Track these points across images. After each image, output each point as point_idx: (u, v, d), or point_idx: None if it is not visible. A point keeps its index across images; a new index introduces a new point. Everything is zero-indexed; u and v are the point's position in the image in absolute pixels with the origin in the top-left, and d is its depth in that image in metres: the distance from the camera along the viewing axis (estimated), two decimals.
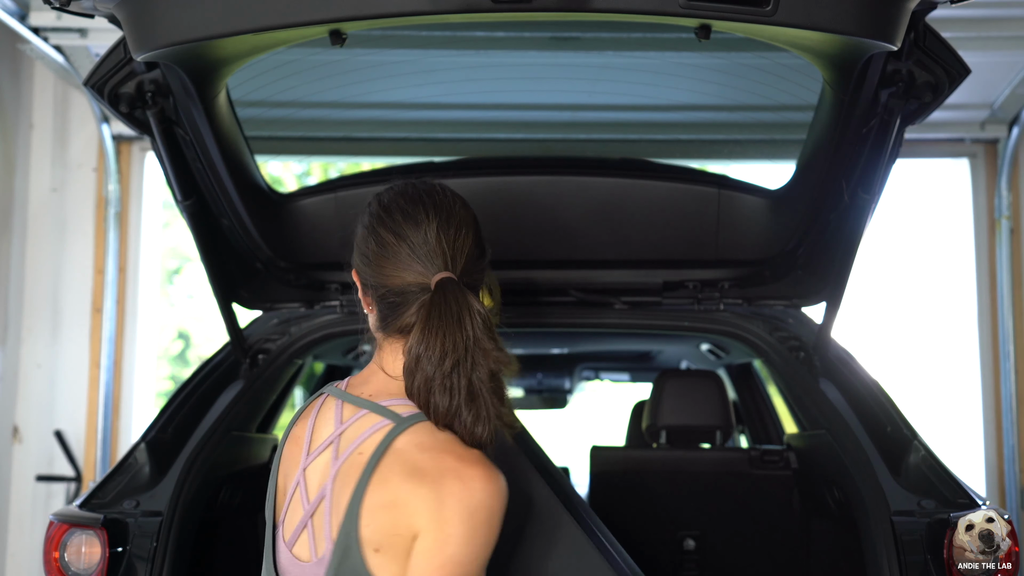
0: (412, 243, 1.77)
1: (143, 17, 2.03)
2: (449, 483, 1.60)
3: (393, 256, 1.78)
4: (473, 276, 1.81)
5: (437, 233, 1.77)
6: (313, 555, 1.71)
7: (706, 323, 3.20)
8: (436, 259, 1.76)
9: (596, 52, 3.30)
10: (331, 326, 3.21)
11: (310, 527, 1.72)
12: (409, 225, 1.78)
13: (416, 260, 1.76)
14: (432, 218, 1.78)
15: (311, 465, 1.77)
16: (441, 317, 1.68)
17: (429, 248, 1.76)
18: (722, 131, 3.74)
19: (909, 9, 2.02)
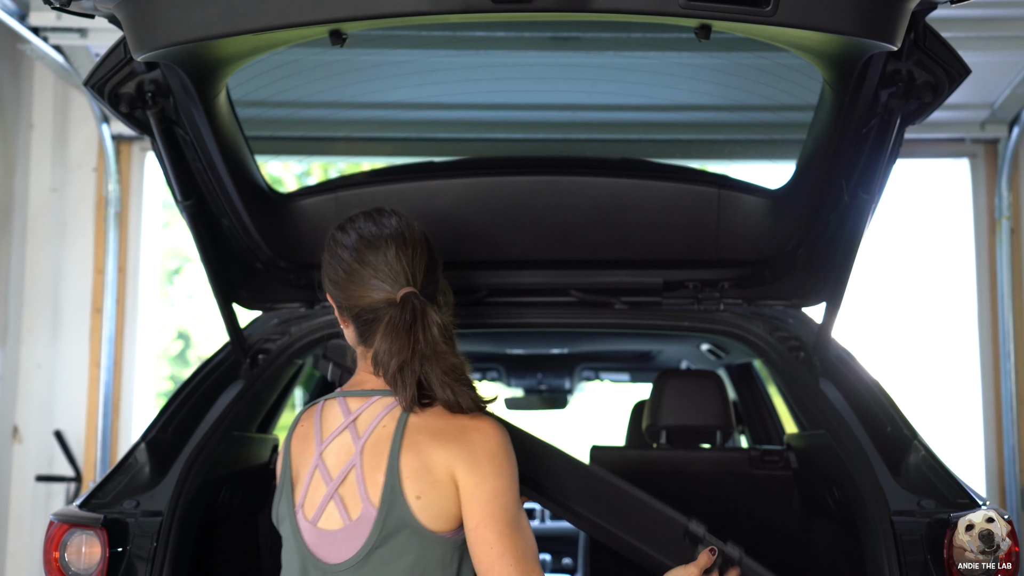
0: (375, 266, 2.03)
1: (143, 17, 2.03)
2: (470, 435, 1.97)
3: (360, 280, 2.04)
4: (429, 287, 2.08)
5: (396, 254, 2.03)
6: (346, 519, 1.97)
7: (706, 323, 3.20)
8: (399, 277, 2.02)
9: (596, 52, 3.30)
10: (331, 326, 3.20)
11: (337, 498, 1.98)
12: (371, 251, 2.04)
13: (381, 281, 2.02)
14: (390, 243, 2.05)
15: (326, 450, 2.02)
16: (395, 327, 1.96)
17: (391, 269, 2.03)
18: (722, 131, 3.74)
19: (909, 9, 2.02)
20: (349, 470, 1.99)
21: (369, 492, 1.96)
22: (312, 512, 2.01)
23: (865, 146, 2.53)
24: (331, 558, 1.98)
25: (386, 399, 2.01)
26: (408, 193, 3.08)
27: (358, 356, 2.11)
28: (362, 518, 1.96)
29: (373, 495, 1.95)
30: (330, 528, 1.99)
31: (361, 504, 1.96)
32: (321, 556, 1.98)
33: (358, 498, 1.97)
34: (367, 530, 1.95)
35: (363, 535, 1.95)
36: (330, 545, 1.98)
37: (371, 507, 1.95)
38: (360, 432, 2.00)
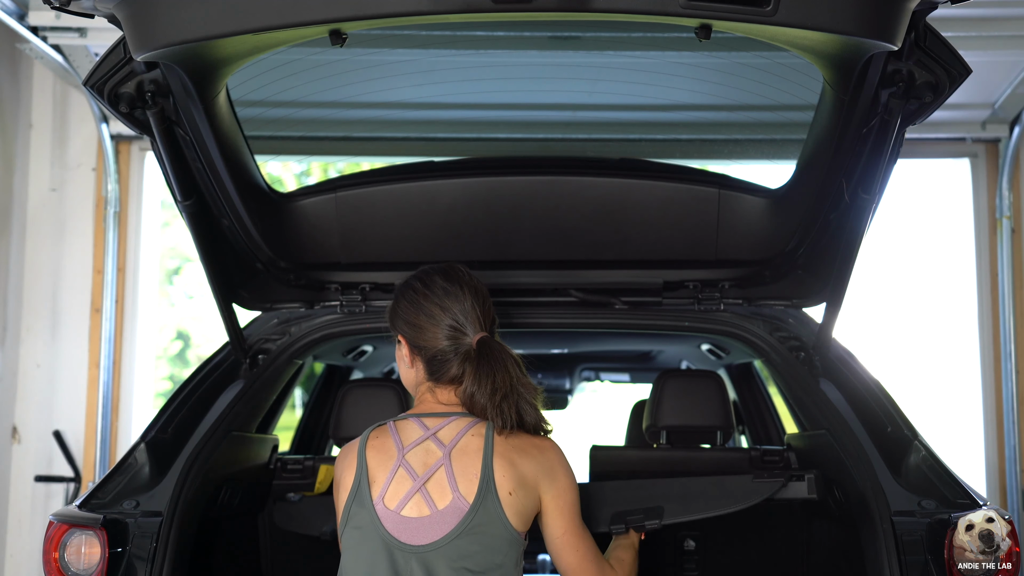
0: (455, 314, 2.39)
1: (143, 17, 2.03)
2: (546, 453, 2.37)
3: (440, 324, 2.39)
4: (494, 333, 2.47)
5: (472, 304, 2.41)
6: (432, 508, 2.28)
7: (706, 323, 3.20)
8: (475, 324, 2.40)
9: (596, 52, 3.30)
10: (331, 326, 3.20)
11: (424, 491, 2.29)
12: (452, 300, 2.41)
13: (460, 327, 2.39)
14: (467, 294, 2.42)
15: (409, 454, 2.34)
16: (491, 365, 2.34)
17: (467, 316, 2.40)
18: (722, 131, 3.74)
19: (909, 9, 2.02)
20: (436, 469, 2.30)
21: (460, 487, 2.28)
22: (396, 502, 2.29)
23: (865, 146, 2.53)
24: (416, 540, 2.26)
25: (465, 419, 2.36)
26: (408, 193, 3.07)
27: (423, 390, 2.44)
28: (451, 508, 2.27)
29: (465, 489, 2.28)
30: (415, 516, 2.28)
31: (450, 496, 2.28)
32: (405, 539, 2.26)
33: (447, 491, 2.28)
34: (457, 518, 2.26)
35: (452, 521, 2.26)
36: (415, 530, 2.26)
37: (461, 499, 2.27)
38: (445, 441, 2.33)
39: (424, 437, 2.35)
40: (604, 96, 3.55)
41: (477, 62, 3.41)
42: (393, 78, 3.34)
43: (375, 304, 3.23)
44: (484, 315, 2.42)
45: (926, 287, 6.73)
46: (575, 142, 3.80)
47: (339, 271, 3.20)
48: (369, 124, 3.81)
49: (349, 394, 3.28)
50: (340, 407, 3.27)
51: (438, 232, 3.12)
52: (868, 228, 2.68)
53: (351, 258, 3.16)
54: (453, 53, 3.31)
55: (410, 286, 2.47)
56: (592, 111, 3.74)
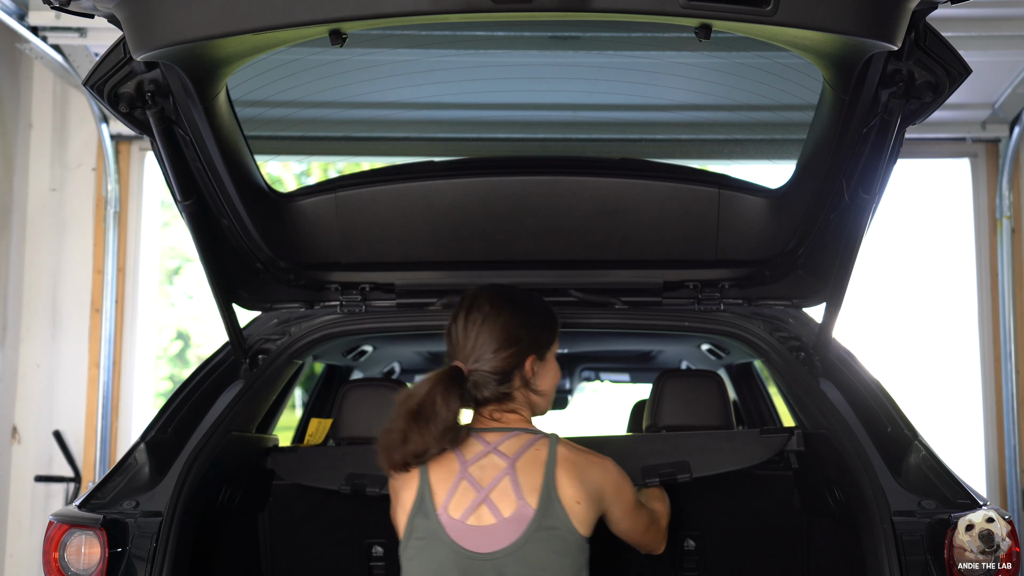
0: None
1: (143, 17, 2.03)
2: (610, 469, 2.48)
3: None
4: (518, 362, 2.59)
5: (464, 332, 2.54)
6: (499, 517, 2.34)
7: (706, 323, 3.20)
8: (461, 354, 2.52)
9: (596, 52, 3.30)
10: (331, 326, 3.20)
11: (489, 501, 2.36)
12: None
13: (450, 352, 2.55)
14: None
15: (472, 467, 2.41)
16: None
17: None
18: (722, 131, 3.74)
19: (909, 9, 2.02)
20: (500, 480, 2.37)
21: (525, 495, 2.35)
22: (460, 512, 2.36)
23: (865, 146, 2.53)
24: (484, 548, 2.33)
25: (527, 435, 2.46)
26: (408, 193, 3.07)
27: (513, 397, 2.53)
28: (517, 514, 2.34)
29: (530, 498, 2.35)
30: (481, 524, 2.34)
31: (516, 504, 2.35)
32: (472, 547, 2.33)
33: (512, 499, 2.35)
34: (525, 523, 2.33)
35: (520, 527, 2.33)
36: (481, 538, 2.33)
37: (526, 505, 2.34)
38: (509, 454, 2.41)
39: (486, 451, 2.43)
40: (604, 96, 3.55)
41: (477, 62, 3.41)
42: (393, 78, 3.34)
43: (375, 304, 3.23)
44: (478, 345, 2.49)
45: (926, 287, 6.72)
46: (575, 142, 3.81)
47: (339, 271, 3.20)
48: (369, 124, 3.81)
49: (349, 394, 3.28)
50: (340, 407, 3.27)
51: (438, 232, 3.12)
52: (868, 228, 2.68)
53: (351, 258, 3.16)
54: (453, 53, 3.32)
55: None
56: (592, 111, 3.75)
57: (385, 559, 3.26)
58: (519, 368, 2.51)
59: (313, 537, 3.30)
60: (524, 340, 2.52)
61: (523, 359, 2.52)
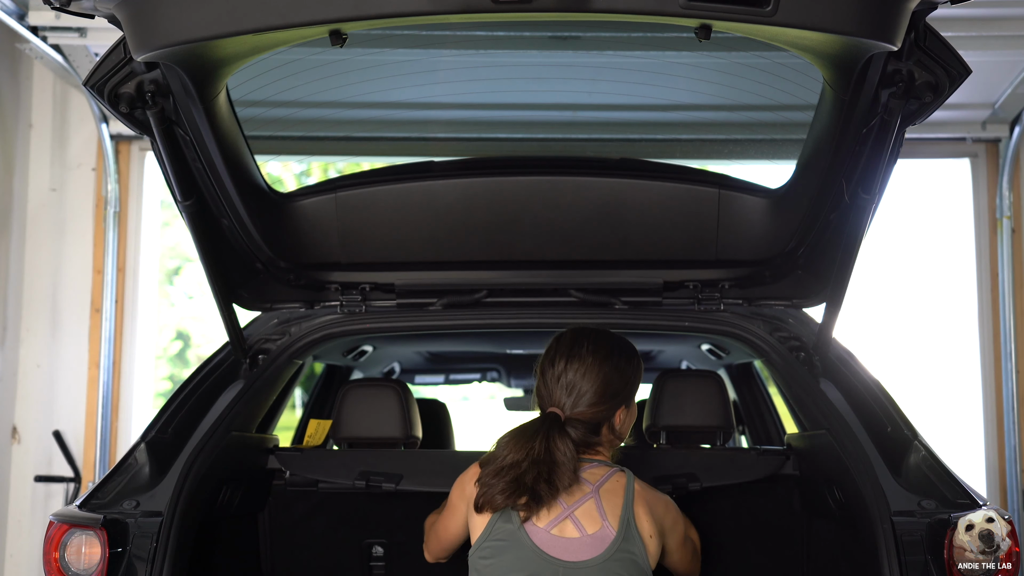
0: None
1: (143, 17, 2.03)
2: (672, 509, 2.59)
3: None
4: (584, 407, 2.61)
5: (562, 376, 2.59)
6: (582, 532, 2.43)
7: (706, 323, 3.20)
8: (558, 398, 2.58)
9: (596, 52, 3.30)
10: (331, 326, 3.20)
11: (573, 517, 2.44)
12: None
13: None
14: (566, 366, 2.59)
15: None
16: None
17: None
18: (722, 131, 3.74)
19: (909, 9, 2.02)
20: (585, 501, 2.46)
21: (608, 517, 2.44)
22: (546, 523, 2.43)
23: (865, 146, 2.53)
24: (571, 557, 2.41)
25: (606, 467, 2.53)
26: (408, 193, 3.07)
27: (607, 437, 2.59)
28: (600, 534, 2.43)
29: (612, 520, 2.44)
30: (564, 536, 2.42)
31: (600, 524, 2.43)
32: (556, 554, 2.40)
33: (596, 519, 2.44)
34: (607, 542, 2.42)
35: (603, 545, 2.42)
36: (566, 547, 2.41)
37: (609, 527, 2.43)
38: (592, 481, 2.49)
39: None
40: (604, 96, 3.55)
41: (477, 62, 3.41)
42: (393, 78, 3.34)
43: (375, 304, 3.23)
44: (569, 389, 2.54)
45: (926, 287, 6.72)
46: (575, 142, 3.80)
47: (339, 271, 3.20)
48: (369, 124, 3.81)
49: (349, 394, 3.28)
50: (340, 407, 3.27)
51: (438, 232, 3.12)
52: (868, 228, 2.68)
53: (351, 258, 3.16)
54: (453, 53, 3.31)
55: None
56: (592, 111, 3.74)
57: (385, 559, 3.26)
58: (610, 419, 2.56)
59: (313, 537, 3.30)
60: (620, 394, 2.57)
61: (616, 410, 2.57)
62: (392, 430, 3.19)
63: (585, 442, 2.52)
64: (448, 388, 7.14)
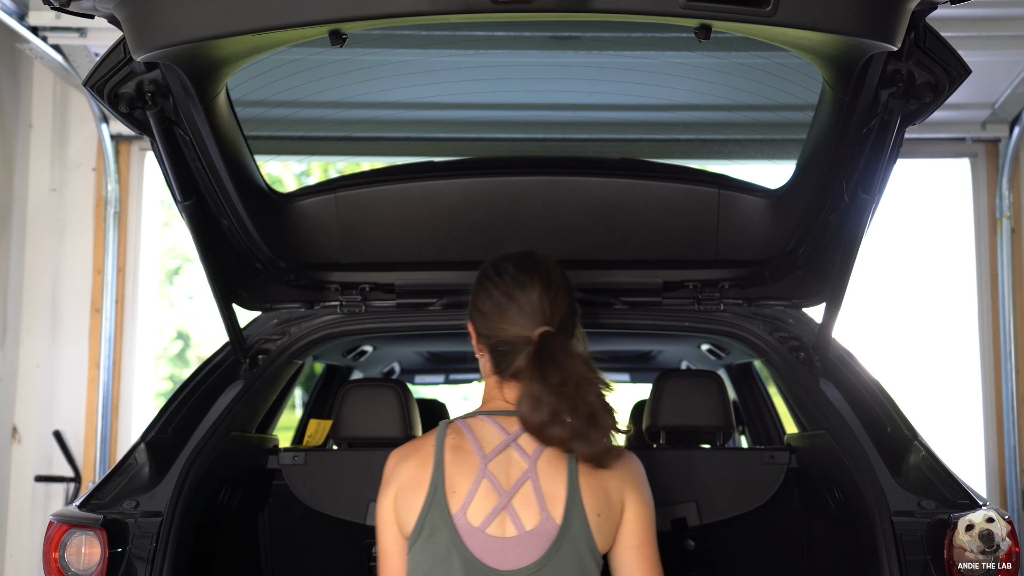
0: (520, 304, 2.20)
1: (143, 17, 2.03)
2: (631, 466, 2.19)
3: (505, 314, 2.20)
4: (567, 330, 2.24)
5: (540, 296, 2.20)
6: (520, 529, 2.08)
7: (706, 323, 3.20)
8: (538, 316, 2.19)
9: (596, 52, 3.30)
10: (331, 326, 3.20)
11: (511, 508, 2.10)
12: (519, 289, 2.21)
13: (522, 316, 2.19)
14: (537, 284, 2.22)
15: (492, 463, 2.14)
16: (542, 363, 2.11)
17: (533, 308, 2.19)
18: (722, 131, 3.74)
19: (909, 9, 2.02)
20: (523, 484, 2.11)
21: (549, 506, 2.09)
22: (479, 520, 2.10)
23: (865, 146, 2.53)
24: (502, 565, 2.07)
25: None
26: (408, 193, 3.07)
27: (491, 384, 2.26)
28: (540, 530, 2.08)
29: (554, 509, 2.09)
30: (502, 535, 2.09)
31: (539, 516, 2.09)
32: (490, 562, 2.07)
33: (535, 510, 2.09)
34: (547, 541, 2.07)
35: (542, 545, 2.07)
36: (502, 552, 2.08)
37: (550, 519, 2.08)
38: (528, 451, 2.14)
39: (505, 443, 2.15)
40: (604, 96, 3.55)
41: (477, 62, 3.41)
42: (393, 78, 3.34)
43: (375, 304, 3.23)
44: (553, 309, 2.20)
45: (926, 287, 6.72)
46: (575, 142, 3.80)
47: (339, 271, 3.20)
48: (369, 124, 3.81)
49: (349, 394, 3.28)
50: (340, 407, 3.27)
51: (438, 232, 3.12)
52: (868, 228, 2.68)
53: (351, 258, 3.16)
54: (453, 53, 3.31)
55: (483, 271, 2.32)
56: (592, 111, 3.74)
57: None
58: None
59: (313, 537, 3.30)
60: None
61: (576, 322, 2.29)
62: (392, 430, 3.19)
63: None
64: (448, 388, 7.14)
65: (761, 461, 3.17)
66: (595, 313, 3.20)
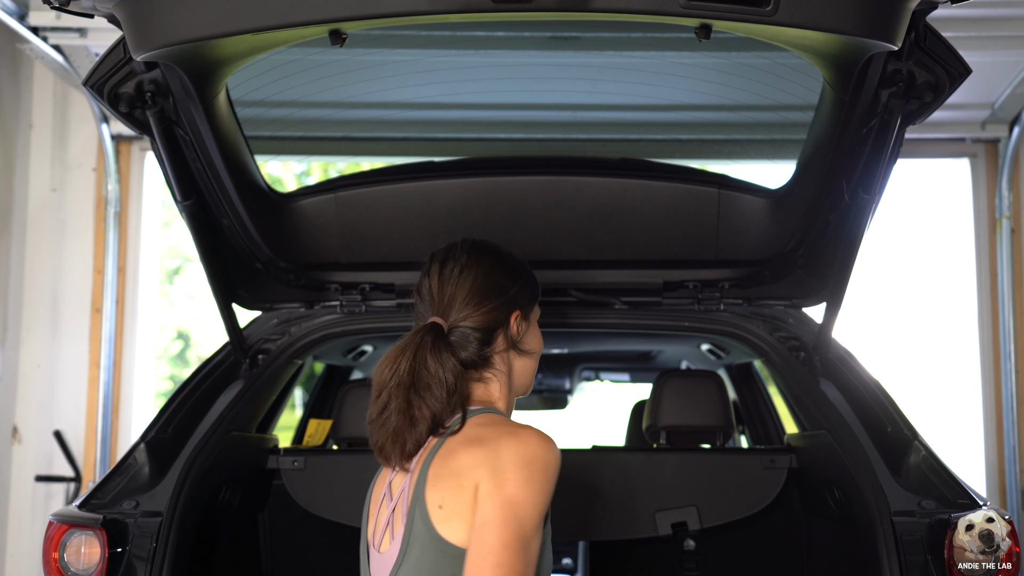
0: (420, 293, 2.14)
1: (143, 17, 2.03)
2: (505, 440, 1.88)
3: (416, 305, 2.15)
4: (472, 320, 2.07)
5: (438, 283, 2.11)
6: (392, 540, 1.93)
7: (706, 323, 3.20)
8: (432, 307, 2.10)
9: (596, 52, 3.30)
10: (331, 326, 3.20)
11: (392, 519, 1.95)
12: (423, 277, 2.15)
13: (423, 307, 2.12)
14: (434, 271, 2.13)
15: (395, 476, 2.02)
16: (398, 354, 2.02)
17: (430, 297, 2.11)
18: (722, 131, 3.74)
19: (909, 9, 2.02)
20: (401, 493, 1.97)
21: (395, 521, 1.94)
22: (377, 538, 2.00)
23: (865, 146, 2.53)
24: None
25: (483, 416, 2.01)
26: (408, 193, 3.07)
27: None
28: (398, 536, 1.93)
29: (397, 524, 1.93)
30: (384, 551, 1.97)
31: (402, 521, 1.93)
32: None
33: (401, 516, 1.94)
34: (396, 548, 1.92)
35: (392, 554, 1.92)
36: (381, 570, 1.96)
37: (394, 540, 1.93)
38: (425, 453, 1.97)
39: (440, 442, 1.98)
40: (604, 96, 3.55)
41: (477, 62, 3.41)
42: (393, 78, 3.34)
43: (375, 304, 3.23)
44: (450, 297, 2.07)
45: (926, 287, 6.73)
46: (575, 142, 3.80)
47: (339, 271, 3.20)
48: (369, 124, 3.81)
49: (349, 394, 3.28)
50: (340, 407, 3.26)
51: (438, 232, 3.12)
52: (868, 228, 2.68)
53: (351, 258, 3.16)
54: (453, 53, 3.31)
55: None
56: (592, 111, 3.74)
57: None
58: (504, 326, 2.09)
59: (313, 537, 3.30)
60: (509, 292, 2.11)
61: (508, 314, 2.10)
62: None
63: (475, 362, 2.05)
64: None
65: (762, 465, 3.16)
66: (595, 313, 3.20)
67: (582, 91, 3.51)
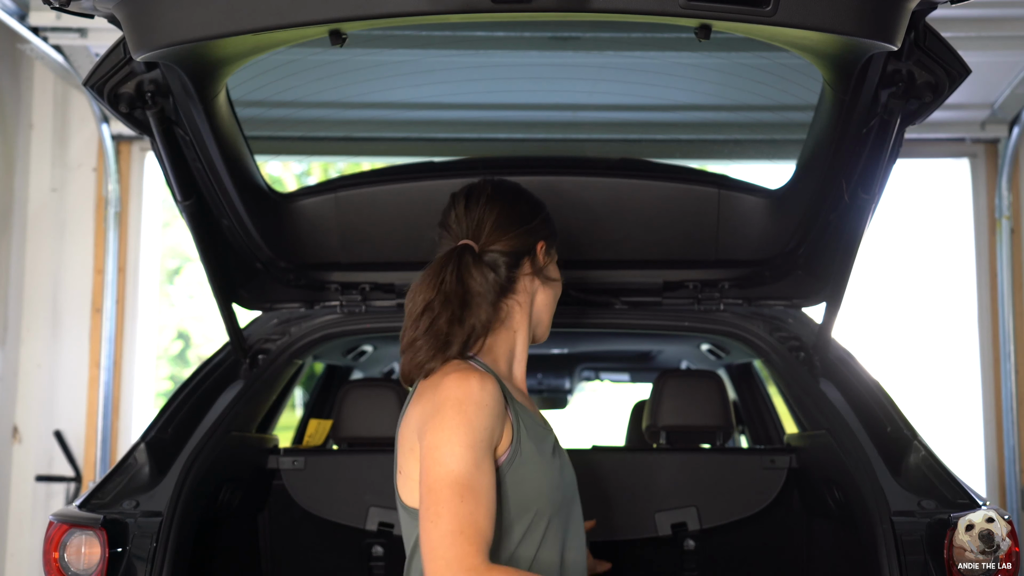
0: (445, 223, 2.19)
1: (143, 17, 2.03)
2: (427, 393, 1.94)
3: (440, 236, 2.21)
4: (501, 244, 2.14)
5: (464, 210, 2.16)
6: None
7: (706, 323, 3.20)
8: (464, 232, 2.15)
9: (596, 52, 3.30)
10: (331, 326, 3.20)
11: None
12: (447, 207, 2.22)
13: (450, 235, 2.16)
14: (460, 199, 2.18)
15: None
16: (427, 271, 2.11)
17: (459, 223, 2.16)
18: (722, 131, 3.74)
19: (909, 9, 2.02)
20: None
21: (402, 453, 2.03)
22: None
23: (865, 146, 2.53)
24: None
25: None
26: (408, 193, 3.08)
27: None
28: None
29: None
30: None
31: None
32: None
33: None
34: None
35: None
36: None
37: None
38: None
39: None
40: (604, 96, 3.55)
41: (477, 62, 3.41)
42: (393, 78, 3.34)
43: (375, 304, 3.23)
44: (480, 223, 2.14)
45: (926, 287, 6.73)
46: (575, 142, 3.80)
47: (339, 271, 3.20)
48: (369, 124, 3.81)
49: (349, 394, 3.28)
50: (340, 407, 3.27)
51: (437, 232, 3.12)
52: (868, 228, 2.68)
53: (351, 258, 3.16)
54: (453, 53, 3.31)
55: None
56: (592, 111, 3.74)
57: (385, 559, 3.26)
58: (531, 255, 2.18)
59: (313, 537, 3.30)
60: (533, 222, 2.20)
61: (534, 243, 2.18)
62: (392, 430, 3.17)
63: (507, 279, 2.12)
64: None
65: (762, 465, 3.16)
66: (595, 313, 3.20)
67: (582, 91, 3.51)
